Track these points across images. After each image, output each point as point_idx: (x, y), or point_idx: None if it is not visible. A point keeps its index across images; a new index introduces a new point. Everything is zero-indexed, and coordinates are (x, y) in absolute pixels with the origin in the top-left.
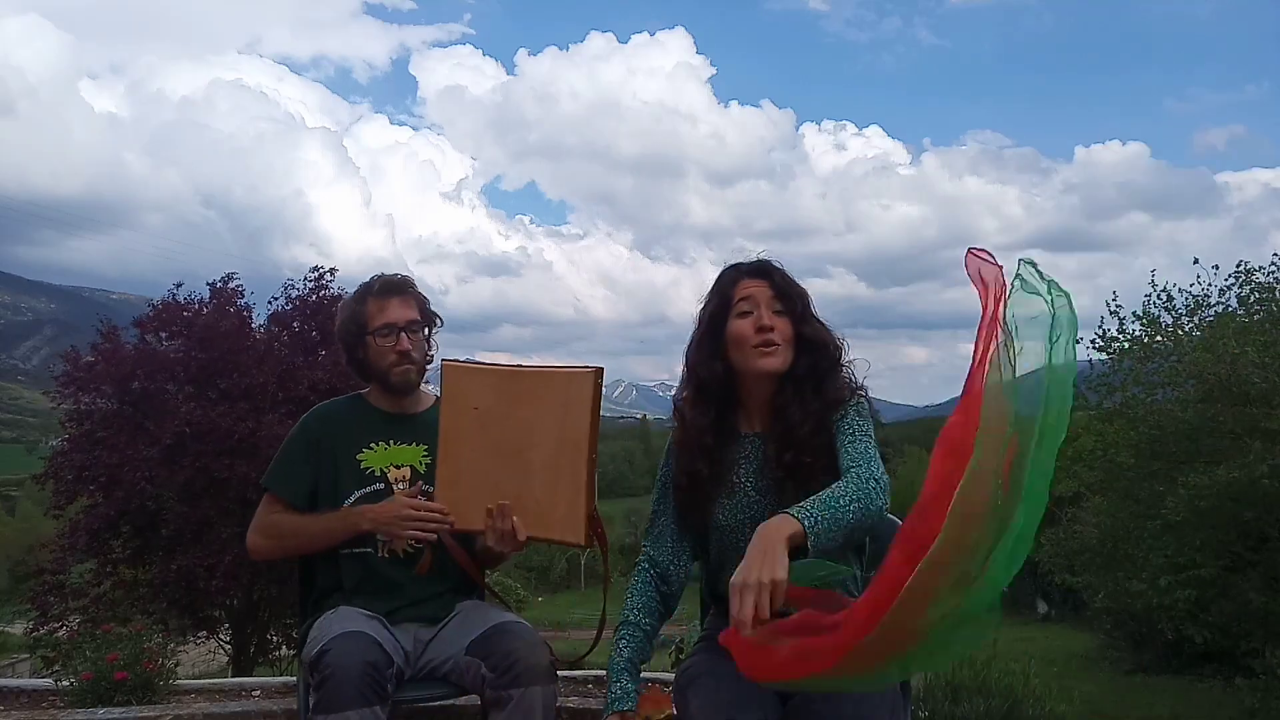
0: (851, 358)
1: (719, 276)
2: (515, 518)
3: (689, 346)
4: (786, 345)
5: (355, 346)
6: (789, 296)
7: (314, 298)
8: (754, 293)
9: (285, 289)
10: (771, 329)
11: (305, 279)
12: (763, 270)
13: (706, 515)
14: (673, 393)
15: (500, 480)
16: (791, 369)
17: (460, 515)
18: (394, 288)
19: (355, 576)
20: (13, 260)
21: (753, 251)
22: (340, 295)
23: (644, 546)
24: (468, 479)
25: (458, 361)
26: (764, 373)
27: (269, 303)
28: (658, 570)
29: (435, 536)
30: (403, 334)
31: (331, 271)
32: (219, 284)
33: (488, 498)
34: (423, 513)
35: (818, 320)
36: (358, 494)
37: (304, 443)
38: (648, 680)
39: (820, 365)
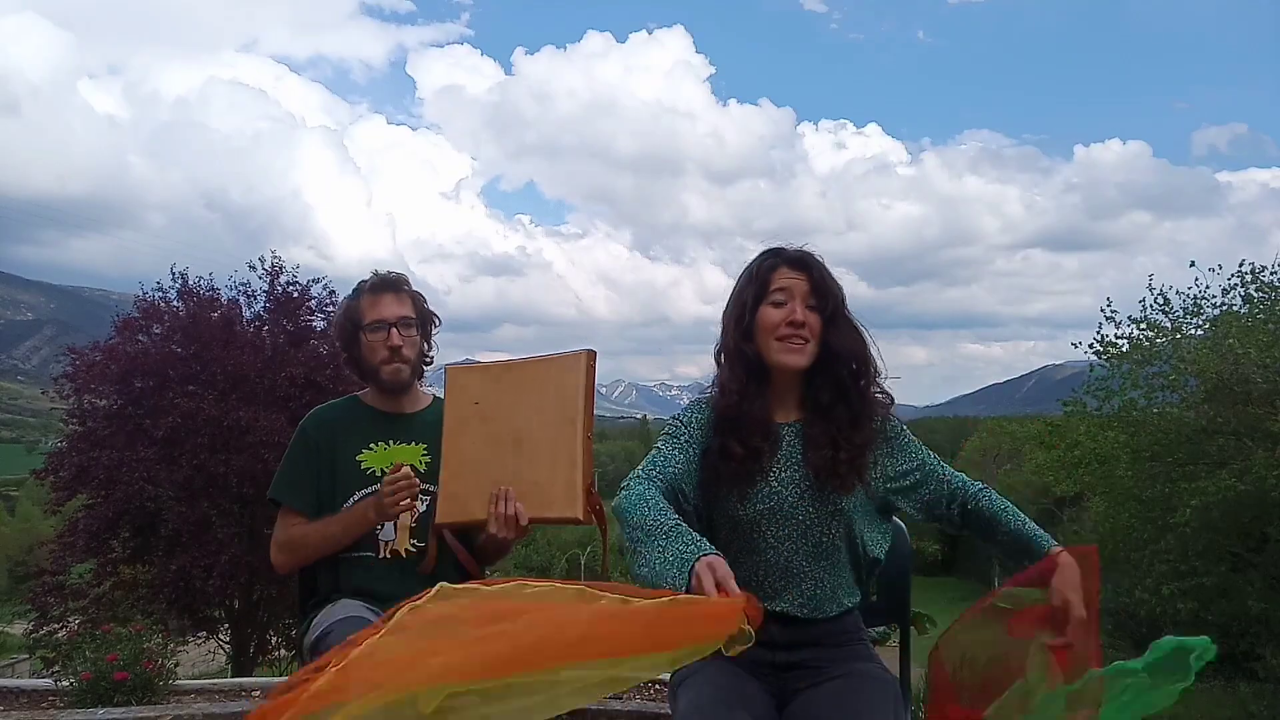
0: (884, 372)
1: (759, 259)
2: (519, 503)
3: (724, 324)
4: (814, 342)
5: (351, 344)
6: (824, 294)
7: (277, 290)
8: (791, 285)
9: (241, 287)
10: (803, 324)
11: (260, 276)
12: (803, 262)
13: (733, 495)
14: (673, 391)
15: (500, 467)
16: (819, 366)
17: (462, 506)
18: (387, 284)
19: (356, 579)
20: (14, 260)
21: (796, 242)
22: (305, 293)
23: (637, 474)
24: (470, 471)
25: (459, 365)
26: (786, 367)
27: (245, 301)
28: (666, 480)
29: (419, 503)
30: (393, 329)
31: (294, 282)
32: (184, 283)
33: (489, 486)
34: (396, 484)
35: (849, 320)
36: (359, 495)
37: (305, 450)
38: (650, 679)
39: (850, 366)
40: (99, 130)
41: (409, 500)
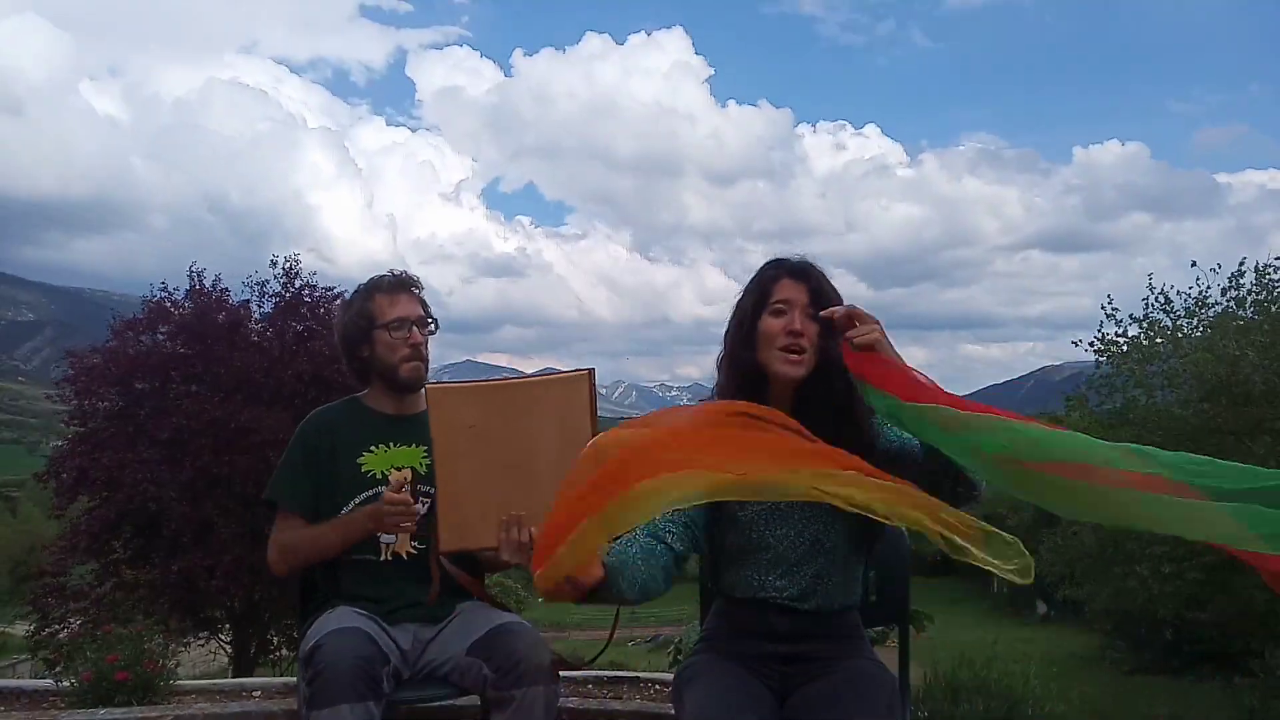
0: None
1: (760, 270)
2: (530, 528)
3: (727, 332)
4: (812, 352)
5: (360, 344)
6: (823, 303)
7: (289, 293)
8: (791, 295)
9: (257, 286)
10: (801, 334)
11: (276, 276)
12: (804, 272)
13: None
14: (672, 392)
15: (507, 495)
16: (814, 378)
17: (469, 534)
18: (404, 283)
19: (355, 580)
20: (15, 260)
21: (796, 251)
22: (310, 285)
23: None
24: (472, 497)
25: (440, 384)
26: (784, 378)
27: (256, 301)
28: (656, 532)
29: (414, 526)
30: (415, 328)
31: (307, 285)
32: (198, 283)
33: (496, 514)
34: (395, 507)
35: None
36: (360, 498)
37: (303, 452)
38: (651, 680)
39: (845, 376)
40: (101, 132)
41: (409, 523)
